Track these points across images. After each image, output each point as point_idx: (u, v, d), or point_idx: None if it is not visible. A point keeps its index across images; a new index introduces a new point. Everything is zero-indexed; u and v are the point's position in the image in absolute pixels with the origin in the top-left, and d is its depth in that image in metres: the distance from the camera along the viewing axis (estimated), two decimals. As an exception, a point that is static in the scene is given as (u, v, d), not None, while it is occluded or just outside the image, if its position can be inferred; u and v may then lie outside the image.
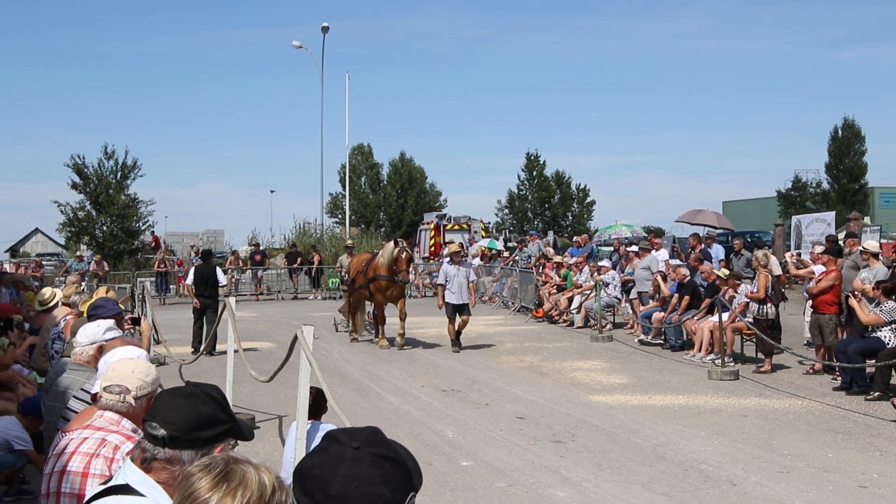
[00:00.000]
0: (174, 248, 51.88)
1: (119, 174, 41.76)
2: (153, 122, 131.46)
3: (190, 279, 18.83)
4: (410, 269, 21.21)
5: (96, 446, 3.59)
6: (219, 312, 15.33)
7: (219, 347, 16.80)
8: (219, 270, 18.95)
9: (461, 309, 18.00)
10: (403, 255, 18.27)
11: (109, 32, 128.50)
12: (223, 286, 19.53)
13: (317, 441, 6.86)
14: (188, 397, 2.87)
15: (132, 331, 10.98)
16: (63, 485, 3.53)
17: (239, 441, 3.01)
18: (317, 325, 13.57)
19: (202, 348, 14.91)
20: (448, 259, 18.90)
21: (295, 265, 35.88)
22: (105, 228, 41.30)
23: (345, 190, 55.95)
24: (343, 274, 24.36)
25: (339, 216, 62.42)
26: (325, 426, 7.20)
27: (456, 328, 18.06)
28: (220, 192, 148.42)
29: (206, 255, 20.47)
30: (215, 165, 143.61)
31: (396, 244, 18.62)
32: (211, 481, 2.09)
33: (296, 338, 7.77)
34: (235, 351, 11.12)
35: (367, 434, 1.90)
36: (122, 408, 3.73)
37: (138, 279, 32.52)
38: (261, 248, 39.82)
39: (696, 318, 16.83)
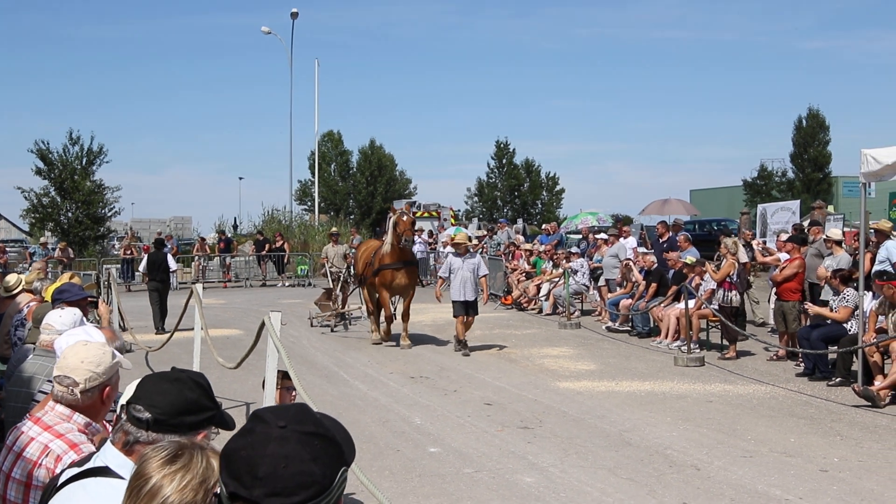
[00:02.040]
0: (141, 235, 51.54)
1: (84, 160, 41.31)
2: (120, 108, 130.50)
3: (143, 266, 21.42)
4: (417, 239, 20.57)
5: (39, 454, 3.50)
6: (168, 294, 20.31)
7: (186, 335, 16.71)
8: (170, 257, 21.26)
9: (468, 306, 16.11)
10: (405, 218, 16.78)
11: (76, 16, 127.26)
12: (173, 271, 22.19)
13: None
14: (174, 382, 2.87)
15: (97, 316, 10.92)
16: (8, 492, 3.51)
17: (221, 430, 3.01)
18: (285, 311, 13.55)
19: (173, 329, 14.87)
20: (453, 250, 16.98)
21: (263, 252, 35.74)
22: (70, 215, 40.89)
23: (314, 177, 55.78)
24: (330, 265, 22.55)
25: (309, 203, 62.13)
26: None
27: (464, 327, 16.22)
28: (189, 179, 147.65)
29: (158, 244, 22.54)
30: (184, 152, 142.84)
31: (394, 211, 17.46)
32: (158, 461, 2.11)
33: (263, 324, 7.76)
34: (203, 338, 11.09)
35: (294, 412, 1.85)
36: (71, 401, 3.63)
37: (104, 266, 32.27)
38: (226, 235, 39.59)
39: (662, 305, 16.97)
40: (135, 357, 15.11)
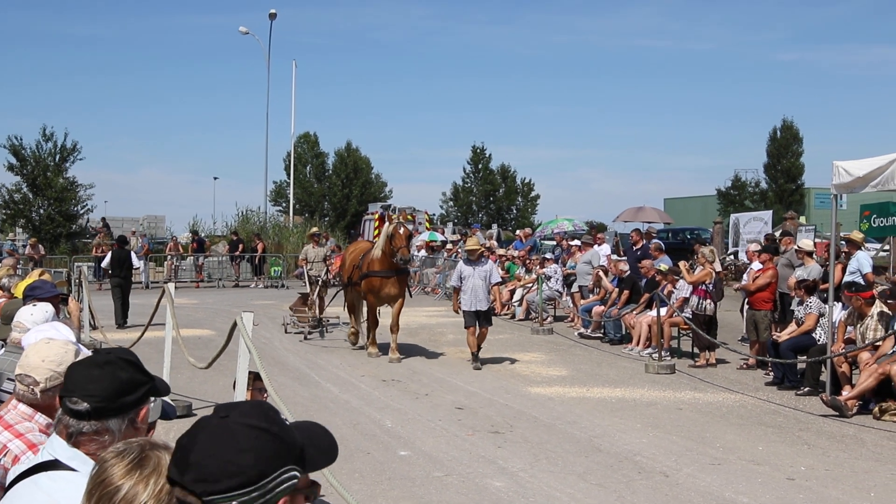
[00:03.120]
0: (114, 233, 51.09)
1: (58, 157, 40.94)
2: (95, 106, 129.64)
3: (107, 262, 21.69)
4: (413, 250, 19.43)
5: None
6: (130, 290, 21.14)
7: (157, 334, 16.60)
8: (133, 254, 21.99)
9: (481, 318, 15.12)
10: (401, 231, 15.60)
11: (51, 14, 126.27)
12: (136, 268, 23.33)
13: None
14: (104, 366, 2.79)
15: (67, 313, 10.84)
16: None
17: (157, 397, 2.95)
18: (258, 313, 13.49)
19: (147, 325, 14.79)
20: (465, 257, 16.18)
21: (237, 253, 35.59)
22: (42, 212, 40.52)
23: (289, 178, 55.55)
24: (309, 267, 21.28)
25: (284, 204, 61.91)
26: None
27: (476, 339, 15.15)
28: (163, 178, 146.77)
29: (121, 241, 22.93)
30: (158, 151, 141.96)
31: (390, 220, 16.22)
32: (124, 468, 2.07)
33: (235, 325, 7.73)
34: (174, 338, 11.03)
35: (248, 407, 1.85)
36: (32, 400, 3.57)
37: (75, 264, 32.00)
38: (200, 235, 39.35)
39: (634, 312, 17.05)
40: (105, 356, 14.99)
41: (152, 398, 2.91)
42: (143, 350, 14.83)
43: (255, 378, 7.35)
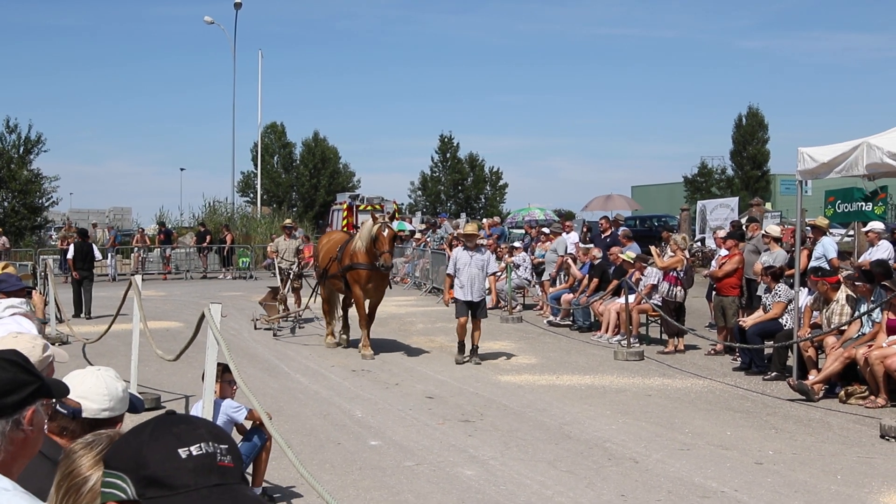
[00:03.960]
0: (80, 226, 50.56)
1: (21, 149, 40.48)
2: (60, 97, 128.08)
3: (71, 254, 22.03)
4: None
5: None
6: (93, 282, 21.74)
7: (124, 327, 16.48)
8: (95, 247, 22.70)
9: (474, 308, 14.41)
10: (386, 233, 14.56)
11: (15, 4, 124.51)
12: (98, 260, 23.87)
13: (220, 418, 6.76)
14: None
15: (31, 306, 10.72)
16: None
17: (54, 399, 2.87)
18: (227, 304, 13.41)
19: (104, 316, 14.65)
20: (462, 244, 15.25)
21: (205, 244, 35.37)
22: (6, 204, 40.05)
23: (257, 169, 55.26)
24: (279, 260, 20.16)
25: (251, 195, 61.54)
26: (228, 402, 7.17)
27: (470, 333, 14.49)
28: (129, 170, 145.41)
29: (83, 234, 23.38)
30: (124, 143, 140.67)
31: (375, 220, 15.00)
32: (92, 459, 2.05)
33: (203, 316, 7.67)
34: (142, 330, 10.93)
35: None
36: None
37: (40, 257, 31.66)
38: (167, 226, 39.07)
39: (601, 300, 17.13)
40: (72, 349, 14.85)
41: (53, 400, 2.83)
42: (111, 343, 14.76)
43: (223, 370, 7.31)
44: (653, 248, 16.50)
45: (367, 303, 15.15)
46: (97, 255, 22.85)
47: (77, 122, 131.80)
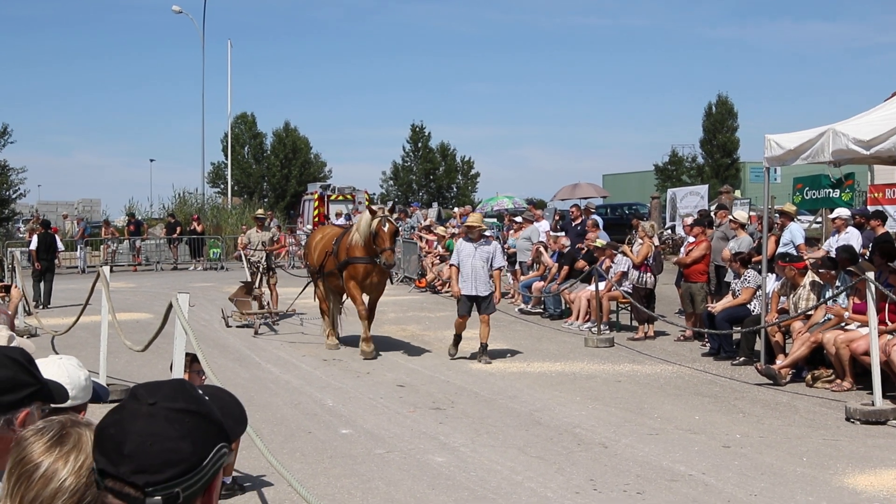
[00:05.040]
0: (48, 218, 50.09)
1: (-13, 140, 40.09)
2: (26, 89, 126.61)
3: (34, 245, 22.30)
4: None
5: None
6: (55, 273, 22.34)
7: (93, 318, 16.39)
8: (57, 238, 22.98)
9: (479, 302, 13.61)
10: (387, 228, 13.48)
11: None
12: (61, 251, 24.25)
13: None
14: None
15: (3, 298, 10.65)
16: None
17: (53, 405, 2.86)
18: (198, 295, 13.37)
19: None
20: (465, 234, 14.29)
21: (175, 235, 35.17)
22: (-28, 196, 39.68)
23: (227, 159, 54.96)
24: (250, 253, 18.78)
25: (222, 186, 61.18)
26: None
27: (479, 331, 13.65)
28: (98, 161, 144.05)
29: (45, 225, 23.65)
30: (92, 134, 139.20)
31: (374, 213, 13.83)
32: (43, 445, 2.03)
33: (171, 306, 7.65)
34: (111, 321, 10.89)
35: (168, 388, 1.83)
36: None
37: (8, 249, 31.36)
38: (136, 217, 38.81)
39: (568, 285, 17.20)
40: (40, 341, 14.77)
41: (40, 403, 2.81)
42: (80, 335, 14.67)
43: (192, 360, 7.29)
44: (625, 247, 16.53)
45: (366, 299, 14.24)
46: (60, 246, 23.12)
47: (44, 114, 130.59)
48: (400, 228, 28.81)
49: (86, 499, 2.00)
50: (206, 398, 1.87)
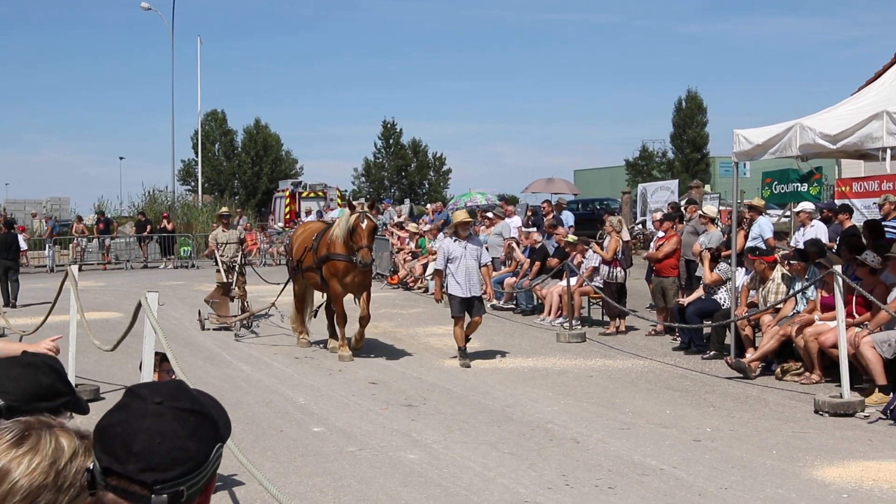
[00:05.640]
0: (16, 216, 49.65)
1: (-47, 138, 39.66)
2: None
3: None
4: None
5: None
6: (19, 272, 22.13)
7: (61, 318, 16.23)
8: (20, 237, 23.54)
9: (472, 304, 13.26)
10: (365, 224, 13.01)
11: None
12: (24, 251, 25.04)
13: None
14: (27, 367, 2.75)
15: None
16: None
17: (80, 414, 2.93)
18: (168, 293, 13.28)
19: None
20: (452, 233, 13.74)
21: (145, 233, 34.92)
22: (-62, 195, 39.22)
23: (198, 157, 54.66)
24: (220, 253, 17.64)
25: (192, 183, 60.88)
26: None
27: (465, 331, 13.25)
28: (66, 159, 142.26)
29: (8, 224, 23.36)
30: (61, 131, 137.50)
31: (352, 208, 13.40)
32: (3, 444, 2.03)
33: (140, 305, 7.60)
34: (79, 321, 10.79)
35: (170, 388, 1.88)
36: None
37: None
38: (106, 215, 38.51)
39: (538, 280, 17.25)
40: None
41: (69, 413, 2.87)
42: (49, 334, 14.35)
43: (161, 359, 7.24)
44: (595, 245, 16.56)
45: (357, 300, 13.89)
46: (23, 245, 23.34)
47: (11, 111, 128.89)
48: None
49: (39, 502, 1.98)
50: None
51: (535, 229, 20.61)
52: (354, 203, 13.65)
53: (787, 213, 24.83)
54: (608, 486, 7.27)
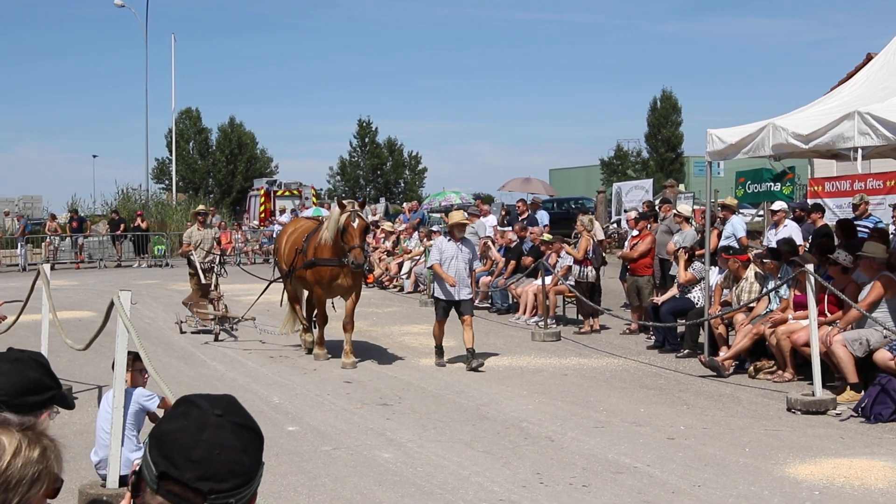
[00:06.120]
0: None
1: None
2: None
3: None
4: (368, 245, 15.65)
5: None
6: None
7: (33, 317, 16.07)
8: None
9: (460, 306, 12.87)
10: (356, 224, 12.43)
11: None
12: None
13: (131, 407, 6.60)
14: (14, 362, 2.79)
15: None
16: None
17: (61, 409, 2.94)
18: (142, 292, 13.18)
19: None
20: (447, 233, 13.57)
21: (118, 232, 34.68)
22: None
23: (172, 155, 54.36)
24: (191, 253, 17.12)
25: (166, 182, 60.51)
26: (139, 391, 7.05)
27: (464, 340, 12.76)
28: (39, 157, 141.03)
29: None
30: (33, 129, 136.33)
31: (343, 207, 12.71)
32: None
33: (112, 304, 7.54)
34: (52, 320, 10.70)
35: (227, 402, 1.93)
36: None
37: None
38: (79, 214, 38.20)
39: (513, 278, 17.28)
40: (-22, 341, 14.47)
41: (55, 407, 2.88)
42: (20, 334, 14.33)
43: (134, 358, 7.19)
44: (566, 246, 16.59)
45: (345, 304, 13.38)
46: None
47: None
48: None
49: None
50: None
51: (510, 228, 20.64)
52: (345, 202, 12.99)
53: (761, 212, 25.01)
54: (582, 484, 7.29)
